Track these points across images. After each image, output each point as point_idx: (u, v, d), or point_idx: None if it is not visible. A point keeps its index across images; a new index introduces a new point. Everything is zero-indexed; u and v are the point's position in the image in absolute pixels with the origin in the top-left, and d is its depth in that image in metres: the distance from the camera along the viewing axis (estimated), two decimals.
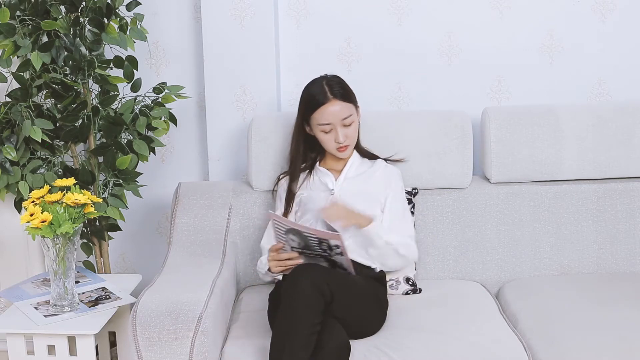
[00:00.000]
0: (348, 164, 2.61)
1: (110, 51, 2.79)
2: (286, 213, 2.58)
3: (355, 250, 2.45)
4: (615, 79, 2.99)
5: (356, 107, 2.58)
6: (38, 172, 2.72)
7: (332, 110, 2.51)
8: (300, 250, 2.32)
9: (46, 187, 2.42)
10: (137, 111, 2.76)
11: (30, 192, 2.58)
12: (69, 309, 2.43)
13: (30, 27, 2.63)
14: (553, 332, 2.30)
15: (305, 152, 2.64)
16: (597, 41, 2.96)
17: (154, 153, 2.89)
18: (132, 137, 2.75)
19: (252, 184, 2.76)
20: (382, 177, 2.60)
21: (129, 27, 2.73)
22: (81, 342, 2.38)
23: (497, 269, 2.73)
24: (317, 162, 2.65)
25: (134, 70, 2.76)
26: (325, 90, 2.52)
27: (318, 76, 2.59)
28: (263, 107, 2.90)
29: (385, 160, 2.67)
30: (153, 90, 2.81)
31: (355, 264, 2.41)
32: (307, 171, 2.63)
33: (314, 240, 2.27)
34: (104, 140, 2.76)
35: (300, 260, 2.33)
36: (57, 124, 2.70)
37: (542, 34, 2.96)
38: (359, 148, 2.65)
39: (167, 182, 3.10)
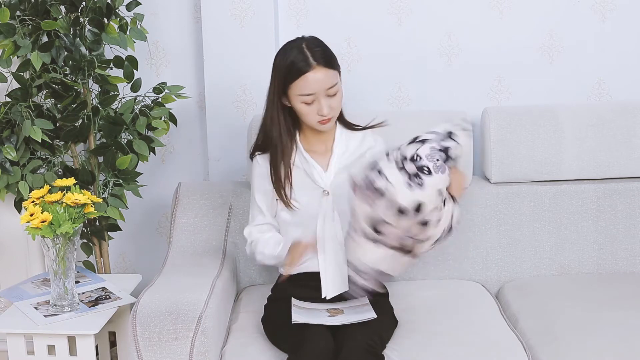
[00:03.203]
0: (336, 150, 2.36)
1: (110, 51, 2.79)
2: (281, 196, 2.33)
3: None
4: (615, 79, 2.99)
5: (339, 72, 2.31)
6: (38, 172, 2.72)
7: (316, 78, 2.22)
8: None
9: (46, 187, 2.42)
10: (137, 111, 2.76)
11: (30, 192, 2.58)
12: (69, 309, 2.44)
13: (30, 27, 2.63)
14: (553, 332, 2.30)
15: (281, 123, 2.32)
16: (597, 41, 2.96)
17: (154, 153, 2.89)
18: (132, 137, 2.75)
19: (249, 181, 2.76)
20: None
21: (129, 27, 2.73)
22: (81, 342, 2.38)
23: (497, 269, 2.73)
24: (298, 139, 2.36)
25: (134, 70, 2.76)
26: (307, 55, 2.22)
27: (293, 38, 2.31)
28: (263, 107, 2.89)
29: (364, 127, 2.40)
30: (153, 90, 2.81)
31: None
32: (287, 148, 2.33)
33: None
34: (104, 140, 2.76)
35: None
36: (57, 124, 2.70)
37: (542, 33, 2.96)
38: (342, 120, 2.40)
39: (167, 182, 3.10)
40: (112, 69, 2.76)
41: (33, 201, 2.39)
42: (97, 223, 2.87)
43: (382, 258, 2.13)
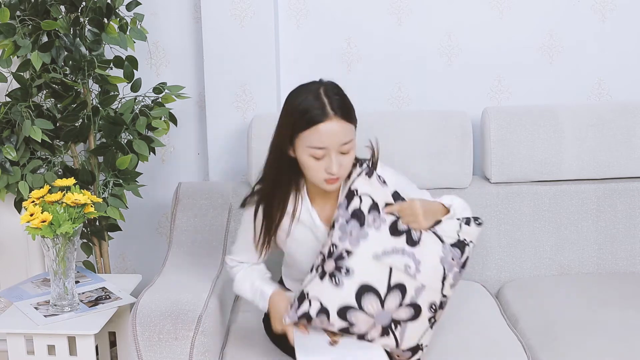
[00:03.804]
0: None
1: (110, 51, 2.79)
2: (263, 247, 2.19)
3: None
4: (615, 79, 2.99)
5: (355, 127, 2.06)
6: (38, 172, 2.72)
7: (331, 130, 1.97)
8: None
9: (46, 187, 2.42)
10: (137, 111, 2.76)
11: (30, 192, 2.58)
12: (69, 309, 2.44)
13: (30, 27, 2.63)
14: (553, 332, 2.30)
15: (287, 175, 2.11)
16: (597, 41, 2.96)
17: (154, 153, 2.89)
18: (132, 137, 2.75)
19: (253, 184, 2.75)
20: None
21: (129, 27, 2.73)
22: (81, 342, 2.38)
23: (497, 269, 2.73)
24: (306, 192, 2.16)
25: (134, 70, 2.76)
26: (324, 102, 1.98)
27: (309, 81, 2.09)
28: (263, 107, 2.90)
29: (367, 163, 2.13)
30: (153, 90, 2.81)
31: None
32: (290, 198, 2.15)
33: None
34: (104, 140, 2.76)
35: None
36: (57, 124, 2.70)
37: (542, 33, 2.96)
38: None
39: (167, 182, 3.10)
40: (112, 69, 2.76)
41: (33, 201, 2.39)
42: (97, 223, 2.87)
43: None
